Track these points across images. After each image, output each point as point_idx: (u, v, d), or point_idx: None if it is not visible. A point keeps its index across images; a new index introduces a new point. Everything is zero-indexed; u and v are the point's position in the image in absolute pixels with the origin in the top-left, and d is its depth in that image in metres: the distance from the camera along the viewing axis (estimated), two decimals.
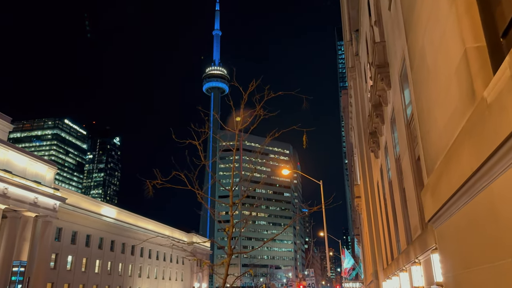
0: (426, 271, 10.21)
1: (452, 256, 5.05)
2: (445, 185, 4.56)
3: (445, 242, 5.32)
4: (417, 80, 6.29)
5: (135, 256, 72.35)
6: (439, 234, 5.64)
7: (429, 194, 5.49)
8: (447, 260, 5.37)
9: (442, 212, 4.97)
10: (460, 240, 4.51)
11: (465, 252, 4.37)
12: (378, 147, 19.97)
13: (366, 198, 27.49)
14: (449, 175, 4.35)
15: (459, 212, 4.40)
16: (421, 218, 10.63)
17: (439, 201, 4.87)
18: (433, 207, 5.27)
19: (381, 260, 24.10)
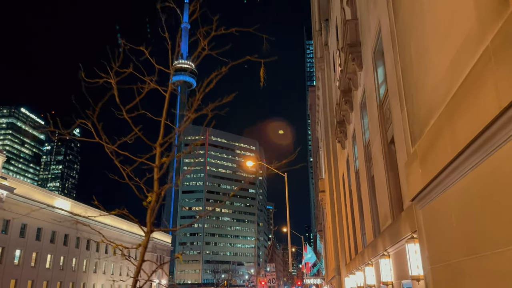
0: (397, 264, 9.30)
1: (444, 242, 4.00)
2: (445, 146, 3.46)
3: (435, 225, 4.28)
4: (404, 28, 5.21)
5: (90, 251, 68.96)
6: (426, 215, 4.60)
7: (416, 164, 4.42)
8: (436, 248, 4.33)
9: (435, 185, 3.89)
10: (461, 220, 3.44)
11: (469, 234, 3.30)
12: (345, 137, 19.17)
13: (330, 191, 26.80)
14: (454, 129, 3.26)
15: (463, 181, 3.31)
16: (393, 206, 9.72)
17: (433, 169, 3.79)
18: (422, 180, 4.19)
19: (344, 255, 23.44)
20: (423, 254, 5.37)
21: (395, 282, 9.55)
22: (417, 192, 4.45)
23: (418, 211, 5.15)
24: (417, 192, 4.46)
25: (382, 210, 10.96)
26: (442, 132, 3.50)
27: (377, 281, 12.26)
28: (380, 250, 10.84)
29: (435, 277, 4.27)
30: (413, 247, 7.03)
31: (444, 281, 3.96)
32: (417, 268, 6.93)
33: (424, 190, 4.19)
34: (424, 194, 4.27)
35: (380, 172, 10.76)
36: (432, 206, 4.19)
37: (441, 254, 4.05)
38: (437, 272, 4.19)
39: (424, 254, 5.20)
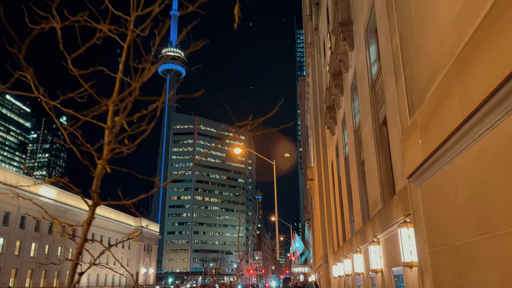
0: (388, 251, 8.89)
1: (448, 222, 3.50)
2: (453, 107, 2.94)
3: (436, 204, 3.78)
4: None
5: (76, 239, 68.00)
6: (426, 193, 4.10)
7: (415, 136, 3.90)
8: (436, 229, 3.84)
9: (438, 156, 3.38)
10: (471, 195, 2.94)
11: (481, 211, 2.79)
12: (335, 123, 18.69)
13: (319, 179, 26.42)
14: (466, 85, 2.72)
15: (474, 148, 2.79)
16: (384, 191, 9.27)
17: (436, 137, 3.27)
18: (422, 152, 3.68)
19: (332, 243, 23.16)
20: (419, 238, 4.90)
21: (385, 270, 9.15)
22: (415, 167, 3.94)
23: (414, 190, 4.66)
24: (415, 167, 3.95)
25: (372, 195, 10.53)
26: (450, 91, 2.97)
27: (366, 269, 11.89)
28: (370, 236, 10.43)
29: (435, 261, 3.80)
30: (406, 231, 6.58)
31: (446, 266, 3.49)
32: (410, 254, 6.49)
33: (425, 163, 3.69)
34: (424, 168, 3.77)
35: (370, 155, 10.30)
36: (433, 182, 3.69)
37: (443, 236, 3.57)
38: (438, 256, 3.72)
39: (420, 238, 4.73)
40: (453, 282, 3.33)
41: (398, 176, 7.63)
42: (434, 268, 3.87)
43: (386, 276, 9.11)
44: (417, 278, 6.59)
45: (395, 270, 8.35)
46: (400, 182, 7.44)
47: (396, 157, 7.76)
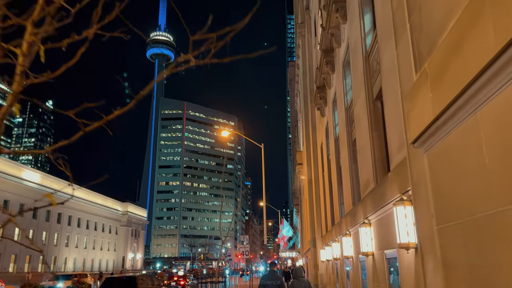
0: (380, 232, 8.34)
1: (464, 191, 2.87)
2: (479, 44, 2.26)
3: (449, 170, 3.15)
4: None
5: (62, 224, 66.93)
6: (435, 159, 3.48)
7: (424, 90, 3.25)
8: (448, 201, 3.21)
9: (455, 110, 2.73)
10: (501, 154, 2.29)
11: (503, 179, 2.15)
12: (325, 103, 18.05)
13: (308, 162, 25.90)
14: (505, 6, 2.05)
15: (508, 91, 2.12)
16: (376, 169, 8.69)
17: (455, 86, 2.60)
18: (434, 108, 3.04)
19: (320, 227, 22.77)
20: (421, 214, 4.30)
21: (377, 253, 8.62)
22: (423, 128, 3.29)
23: (418, 159, 4.04)
24: (423, 128, 3.31)
25: (363, 175, 9.95)
26: (479, 17, 2.31)
27: (356, 252, 11.40)
28: (360, 218, 9.90)
29: (444, 240, 3.21)
30: (403, 210, 6.00)
31: (459, 244, 2.90)
32: (407, 235, 5.91)
33: (436, 122, 3.05)
34: (435, 128, 3.13)
35: (363, 133, 9.69)
36: (447, 143, 3.06)
37: (457, 209, 2.96)
38: (448, 234, 3.12)
39: (423, 214, 4.13)
40: (470, 263, 2.74)
41: (393, 152, 7.03)
42: (442, 248, 3.29)
43: (377, 259, 8.59)
44: (413, 261, 6.03)
45: (388, 252, 7.82)
46: (395, 157, 6.84)
47: (392, 131, 7.15)
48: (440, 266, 3.40)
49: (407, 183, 5.93)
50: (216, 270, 70.40)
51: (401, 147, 6.47)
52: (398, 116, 6.69)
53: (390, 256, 7.79)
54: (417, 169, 4.53)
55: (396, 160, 6.74)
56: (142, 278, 13.85)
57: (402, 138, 6.43)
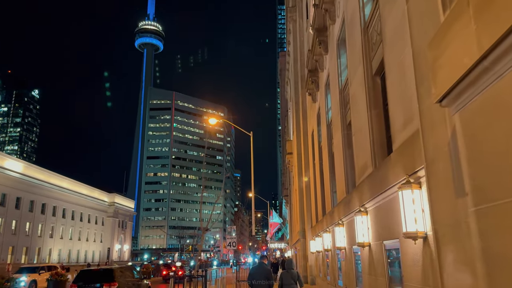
0: (378, 221, 7.57)
1: None
2: None
3: (496, 132, 2.29)
4: None
5: (46, 215, 65.29)
6: (473, 119, 2.65)
7: (463, 23, 2.39)
8: (493, 176, 2.38)
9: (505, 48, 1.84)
10: None
11: None
12: (317, 88, 17.22)
13: (298, 151, 25.16)
14: None
15: None
16: (375, 152, 7.90)
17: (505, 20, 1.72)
18: (479, 43, 2.20)
19: (310, 217, 22.08)
20: (441, 195, 3.49)
21: (374, 243, 7.86)
22: (463, 73, 2.44)
23: (438, 127, 3.24)
24: (462, 74, 2.45)
25: (360, 159, 9.16)
26: None
27: (349, 243, 10.67)
28: (355, 206, 9.13)
29: (488, 224, 2.41)
30: (410, 195, 5.20)
31: None
32: (415, 222, 5.13)
33: (484, 60, 2.20)
34: (480, 71, 2.30)
35: (360, 113, 8.87)
36: (498, 92, 2.23)
37: (506, 185, 2.15)
38: (497, 216, 2.31)
39: (444, 195, 3.33)
40: None
41: (397, 130, 6.22)
42: (483, 235, 2.49)
43: (375, 250, 7.84)
44: (421, 252, 5.26)
45: (388, 243, 7.06)
46: (400, 136, 6.03)
47: (395, 106, 6.33)
48: (477, 258, 2.61)
49: (416, 162, 5.14)
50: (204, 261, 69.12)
51: (406, 124, 5.67)
52: (403, 88, 5.88)
53: (390, 247, 7.03)
54: (435, 141, 3.72)
55: (401, 139, 5.94)
56: (121, 271, 12.96)
57: (409, 112, 5.62)
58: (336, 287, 13.75)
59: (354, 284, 10.33)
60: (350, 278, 10.93)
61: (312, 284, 21.85)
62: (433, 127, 3.95)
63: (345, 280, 11.69)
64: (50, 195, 66.05)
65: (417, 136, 5.05)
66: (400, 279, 6.57)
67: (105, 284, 11.73)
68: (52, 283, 20.51)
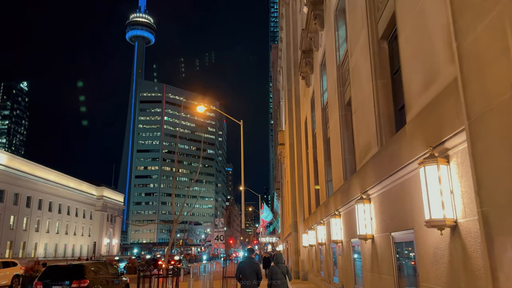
0: (385, 209, 6.40)
1: None
2: None
3: None
4: None
5: (31, 208, 63.47)
6: None
7: None
8: None
9: None
10: None
11: None
12: (311, 70, 16.01)
13: (290, 141, 23.98)
14: None
15: None
16: (381, 128, 6.74)
17: None
18: None
19: (303, 210, 20.97)
20: (497, 166, 2.34)
21: (380, 236, 6.70)
22: None
23: (509, 51, 2.07)
24: None
25: (361, 140, 8.00)
26: None
27: (347, 235, 9.52)
28: (356, 193, 7.98)
29: None
30: (435, 172, 4.03)
31: None
32: (442, 207, 3.96)
33: None
34: None
35: (363, 86, 7.69)
36: None
37: None
38: None
39: (506, 161, 2.17)
40: None
41: (414, 95, 5.04)
42: None
43: (380, 244, 6.69)
44: (447, 246, 4.10)
45: (398, 235, 5.90)
46: (418, 102, 4.86)
47: (413, 68, 5.15)
48: None
49: (444, 129, 3.97)
50: (193, 256, 67.42)
51: (428, 84, 4.51)
52: (423, 42, 4.70)
53: (400, 240, 5.88)
54: (486, 88, 2.60)
55: (420, 105, 4.77)
56: (95, 266, 11.72)
57: (431, 69, 4.45)
58: (331, 284, 12.66)
59: (353, 282, 9.21)
60: (347, 275, 9.81)
61: (304, 279, 20.80)
62: (483, 67, 2.78)
63: (342, 277, 10.58)
64: (36, 188, 64.23)
65: (446, 95, 3.88)
66: (413, 278, 5.43)
67: (75, 281, 10.50)
68: (27, 279, 19.20)
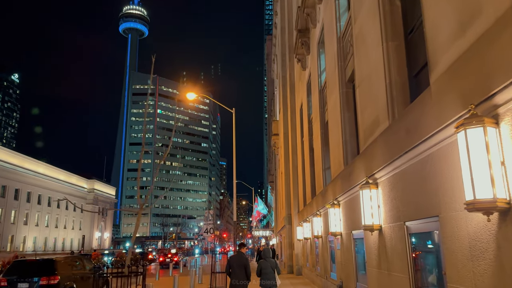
0: (396, 195, 5.33)
1: None
2: None
3: None
4: None
5: (20, 201, 61.92)
6: None
7: None
8: None
9: None
10: None
11: None
12: (307, 50, 14.89)
13: (285, 130, 22.91)
14: None
15: None
16: (392, 97, 5.66)
17: None
18: None
19: (297, 201, 19.95)
20: None
21: (389, 227, 5.64)
22: None
23: None
24: None
25: (366, 116, 6.92)
26: None
27: (348, 227, 8.47)
28: (359, 178, 6.92)
29: None
30: (480, 136, 2.97)
31: None
32: (491, 184, 2.89)
33: None
34: None
35: (369, 53, 6.60)
36: None
37: None
38: None
39: None
40: None
41: (444, 44, 3.94)
42: None
43: (390, 236, 5.64)
44: (494, 238, 3.05)
45: (415, 225, 4.84)
46: (449, 52, 3.77)
47: (441, 9, 4.05)
48: None
49: (492, 79, 2.89)
50: (185, 249, 66.13)
51: (466, 26, 3.42)
52: None
53: (418, 231, 4.82)
54: None
55: (452, 55, 3.68)
56: (68, 261, 10.60)
57: (472, 5, 3.36)
58: (328, 280, 11.65)
59: (354, 279, 8.18)
60: (347, 271, 8.79)
61: (298, 274, 19.82)
62: None
63: (341, 273, 9.55)
64: (24, 180, 62.69)
65: (497, 32, 2.81)
66: (436, 278, 4.38)
67: (43, 278, 9.38)
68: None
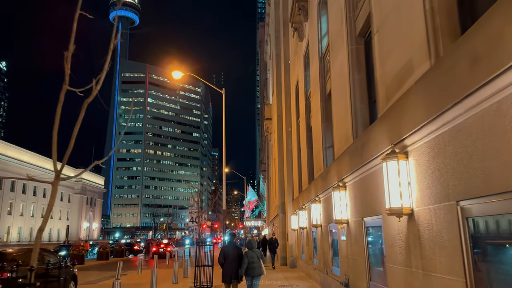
0: (428, 171, 3.74)
1: None
2: None
3: None
4: None
5: (3, 190, 59.73)
6: None
7: None
8: None
9: None
10: None
11: None
12: (305, 16, 13.22)
13: (279, 112, 21.31)
14: None
15: None
16: (435, 29, 4.01)
17: None
18: None
19: (292, 188, 18.43)
20: None
21: (430, 209, 4.06)
22: None
23: None
24: None
25: (391, 64, 5.32)
26: None
27: (357, 215, 6.91)
28: (378, 149, 5.34)
29: None
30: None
31: None
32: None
33: None
34: None
35: None
36: None
37: None
38: None
39: None
40: None
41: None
42: None
43: (427, 221, 4.07)
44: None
45: (469, 206, 3.26)
46: None
47: None
48: None
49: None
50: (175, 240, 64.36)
51: None
52: None
53: (478, 214, 3.25)
54: None
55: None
56: (22, 255, 8.98)
57: None
58: (329, 275, 10.14)
59: (365, 277, 6.65)
60: (356, 267, 7.26)
61: (292, 267, 18.36)
62: None
63: (347, 268, 8.03)
64: (8, 169, 60.37)
65: None
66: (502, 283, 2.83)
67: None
68: None
